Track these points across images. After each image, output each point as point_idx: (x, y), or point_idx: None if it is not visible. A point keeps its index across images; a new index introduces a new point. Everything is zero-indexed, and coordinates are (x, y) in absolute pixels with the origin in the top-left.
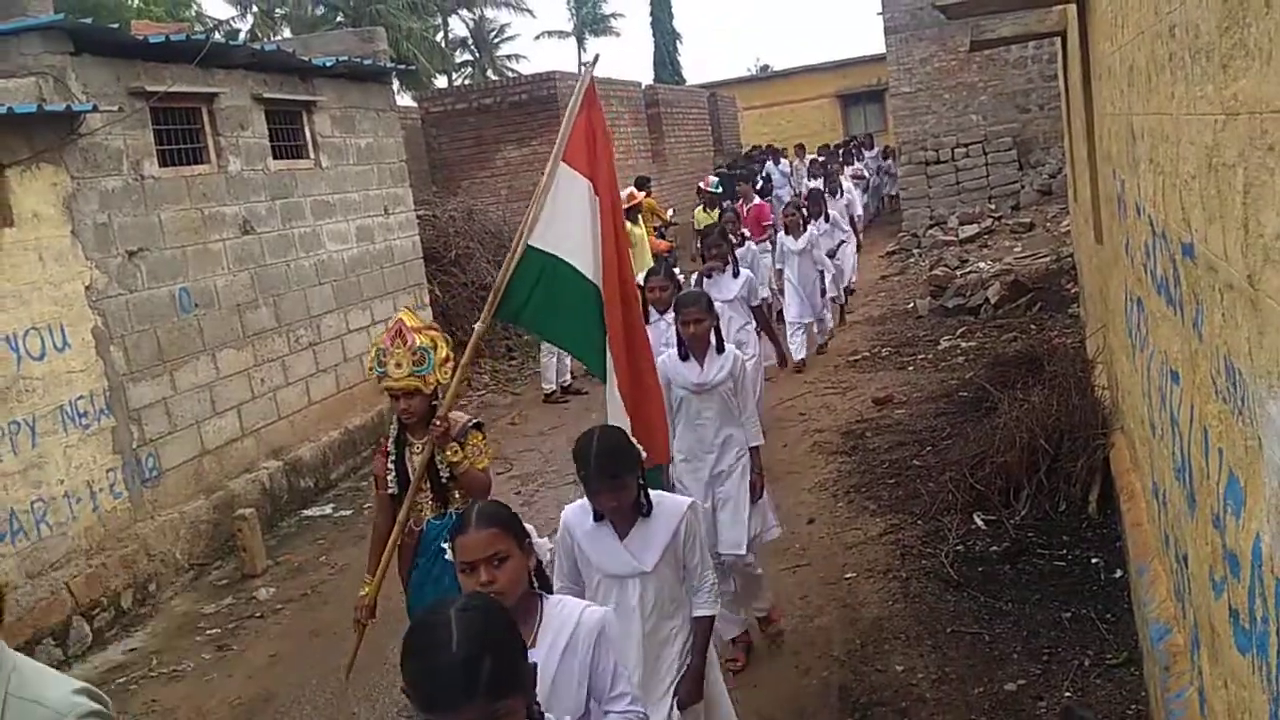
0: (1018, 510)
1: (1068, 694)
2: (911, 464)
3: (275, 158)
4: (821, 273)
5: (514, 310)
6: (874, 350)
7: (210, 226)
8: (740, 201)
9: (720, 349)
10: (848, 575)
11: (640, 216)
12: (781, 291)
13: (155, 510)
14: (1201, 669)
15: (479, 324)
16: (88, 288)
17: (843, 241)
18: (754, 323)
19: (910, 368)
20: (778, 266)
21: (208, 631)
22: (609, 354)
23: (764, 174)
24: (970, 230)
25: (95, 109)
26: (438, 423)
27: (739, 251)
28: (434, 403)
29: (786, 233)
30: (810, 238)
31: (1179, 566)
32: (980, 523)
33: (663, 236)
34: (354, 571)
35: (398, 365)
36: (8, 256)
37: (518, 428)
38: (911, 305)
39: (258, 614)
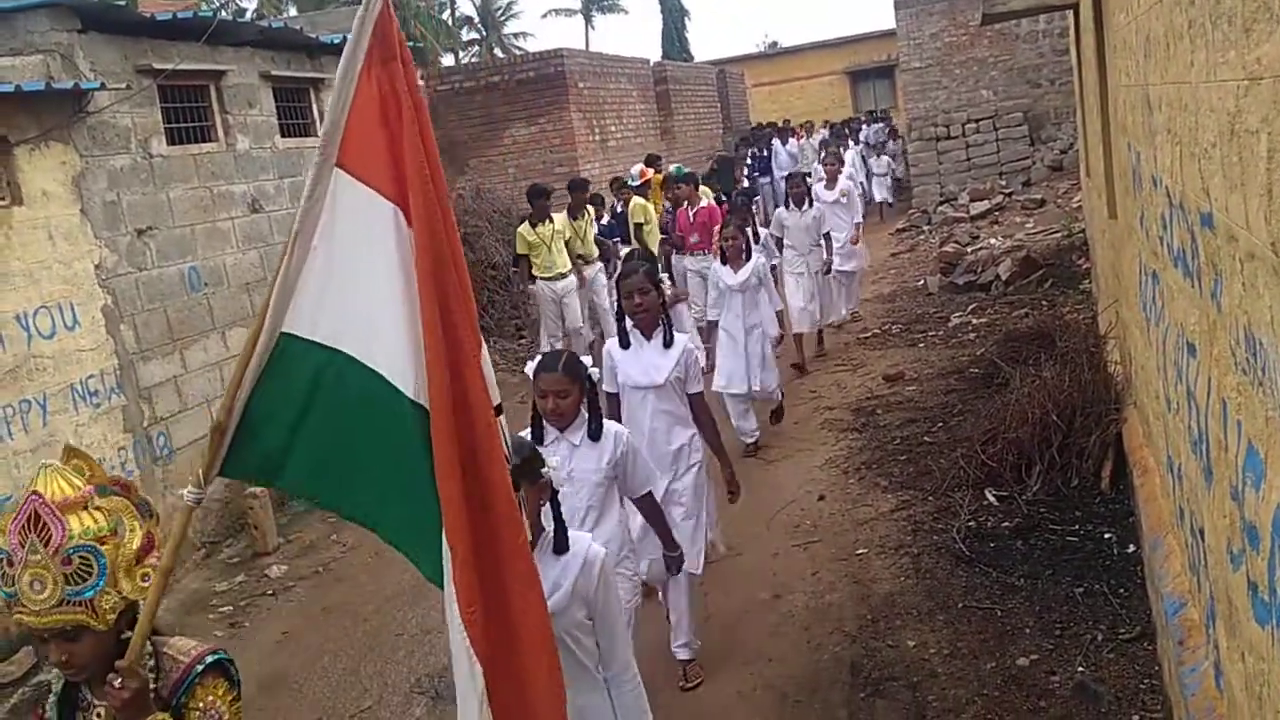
0: (1029, 486)
1: (1080, 669)
2: (923, 440)
3: (283, 135)
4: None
5: (261, 458)
6: (884, 327)
7: (219, 205)
8: (685, 205)
9: (562, 545)
10: (859, 551)
11: (650, 194)
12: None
13: (167, 489)
14: (1218, 642)
15: (190, 490)
16: (97, 266)
17: (773, 265)
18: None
19: (921, 345)
20: (710, 319)
21: (220, 609)
22: (444, 544)
23: (767, 152)
24: (981, 207)
25: (103, 87)
26: (118, 685)
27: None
28: (123, 636)
29: (723, 261)
30: (756, 269)
31: (1194, 540)
32: (992, 499)
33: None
34: (365, 549)
35: (36, 584)
36: (17, 235)
37: (528, 406)
38: (922, 282)
39: (269, 591)
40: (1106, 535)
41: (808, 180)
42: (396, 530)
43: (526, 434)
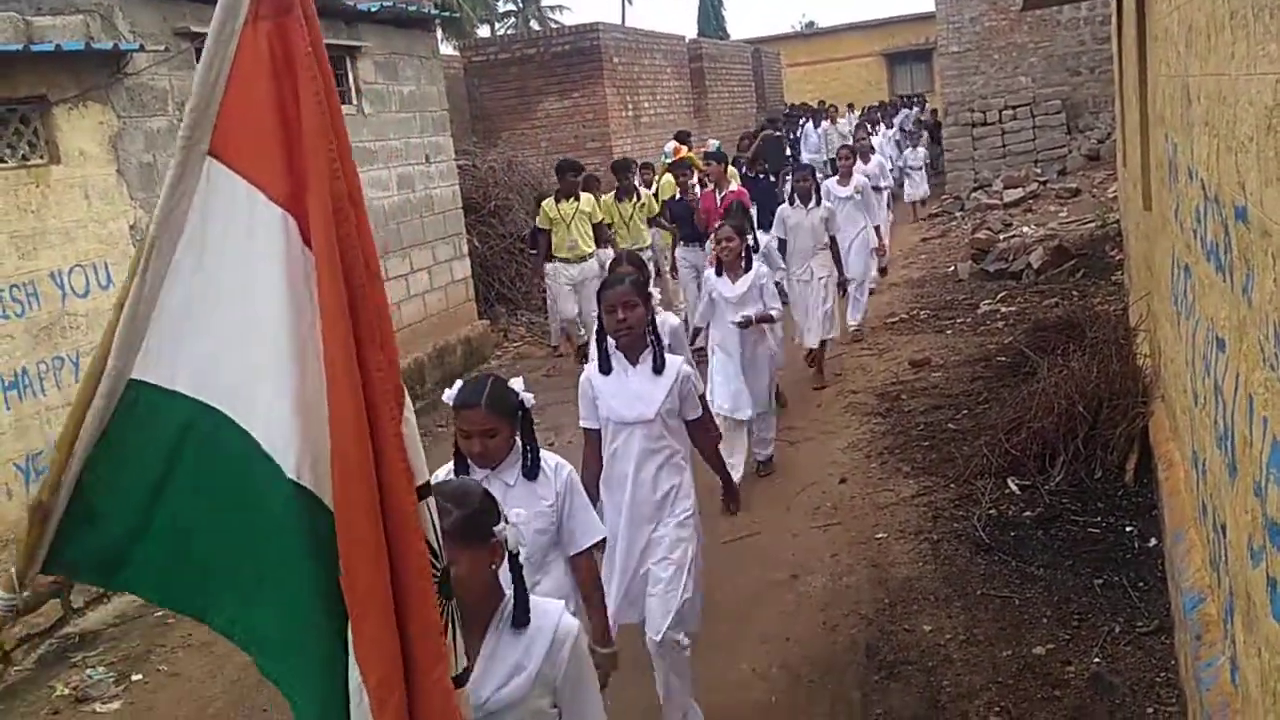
0: (1053, 476)
1: (1096, 660)
2: (947, 427)
3: None
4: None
5: (100, 549)
6: (912, 312)
7: None
8: (710, 187)
9: (522, 618)
10: (879, 535)
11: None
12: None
13: None
14: (1235, 638)
15: (0, 595)
16: (132, 227)
17: (778, 283)
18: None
19: (948, 331)
20: (697, 324)
21: None
22: (356, 683)
23: (796, 135)
24: (1015, 194)
25: (142, 49)
26: None
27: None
28: None
29: (720, 273)
30: (756, 279)
31: (1216, 535)
32: (1014, 488)
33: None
34: None
35: None
36: (54, 193)
37: (553, 379)
38: (952, 268)
39: None
40: (1128, 528)
41: (816, 175)
42: (271, 655)
43: (446, 472)
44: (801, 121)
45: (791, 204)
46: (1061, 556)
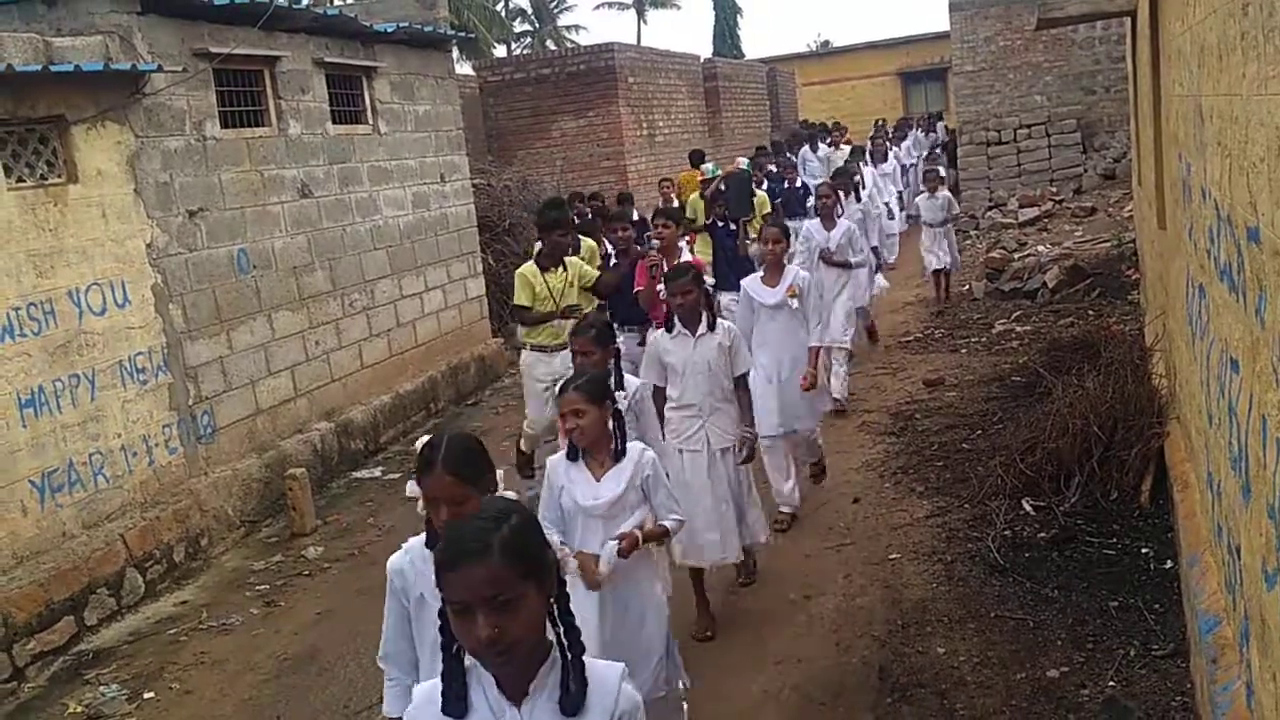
0: (1068, 497)
1: (1111, 683)
2: (961, 447)
3: (334, 122)
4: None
5: None
6: (926, 332)
7: (269, 189)
8: (658, 249)
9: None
10: (892, 556)
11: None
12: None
13: (209, 467)
14: (1250, 662)
15: None
16: (149, 246)
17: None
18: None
19: (963, 350)
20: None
21: (257, 587)
22: None
23: (798, 159)
24: (1030, 213)
25: (160, 69)
26: None
27: None
28: None
29: (574, 457)
30: (639, 470)
31: (1231, 558)
32: (1029, 508)
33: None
34: (401, 534)
35: None
36: (72, 212)
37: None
38: (967, 287)
39: (306, 572)
40: (1144, 550)
41: (703, 280)
42: None
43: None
44: (802, 144)
45: (669, 330)
46: (1076, 578)
